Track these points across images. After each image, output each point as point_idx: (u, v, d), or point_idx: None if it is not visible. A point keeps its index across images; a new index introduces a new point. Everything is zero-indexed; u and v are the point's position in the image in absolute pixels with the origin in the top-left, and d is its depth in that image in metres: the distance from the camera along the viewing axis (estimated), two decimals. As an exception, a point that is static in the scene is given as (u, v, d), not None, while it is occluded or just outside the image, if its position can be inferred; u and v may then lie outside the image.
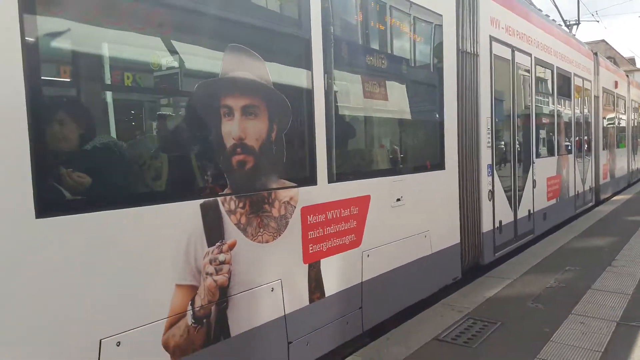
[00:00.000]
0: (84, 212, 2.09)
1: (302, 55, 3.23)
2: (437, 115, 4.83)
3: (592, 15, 29.62)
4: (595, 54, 11.17)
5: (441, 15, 4.76)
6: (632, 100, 14.88)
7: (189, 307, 2.51)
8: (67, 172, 2.10)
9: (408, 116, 4.60)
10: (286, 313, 3.06)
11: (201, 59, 2.81)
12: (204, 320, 2.59)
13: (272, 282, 2.97)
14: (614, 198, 11.81)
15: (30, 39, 1.91)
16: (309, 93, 3.26)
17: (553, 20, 9.26)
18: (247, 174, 2.85)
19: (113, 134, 2.53)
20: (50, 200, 1.98)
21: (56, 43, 2.18)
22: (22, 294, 1.90)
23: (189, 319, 2.50)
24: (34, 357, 1.93)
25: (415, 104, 4.62)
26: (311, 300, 3.26)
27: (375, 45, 4.19)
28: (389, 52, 4.32)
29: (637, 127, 15.87)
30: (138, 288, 2.29)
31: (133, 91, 2.74)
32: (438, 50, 4.78)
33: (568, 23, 14.36)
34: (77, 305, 2.06)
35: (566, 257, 6.07)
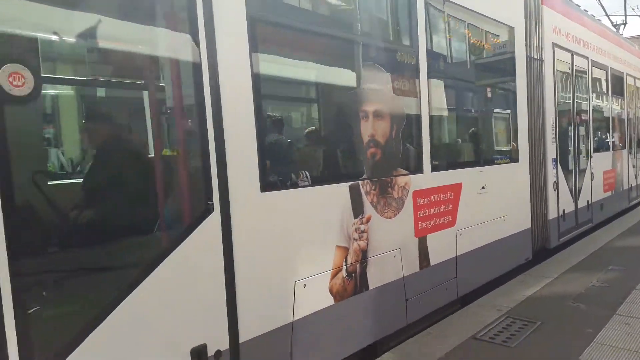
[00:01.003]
0: (286, 189, 2.97)
1: (412, 68, 3.98)
2: (512, 114, 5.56)
3: (633, 9, 28.45)
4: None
5: (513, 28, 5.48)
6: None
7: (343, 263, 3.29)
8: (277, 163, 3.08)
9: (489, 115, 5.49)
10: (404, 276, 3.81)
11: (349, 75, 3.71)
12: (352, 274, 3.37)
13: (394, 250, 3.74)
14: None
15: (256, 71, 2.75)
16: (417, 99, 4.02)
17: (603, 23, 9.71)
18: (376, 163, 3.61)
19: (303, 137, 3.79)
20: (267, 182, 2.82)
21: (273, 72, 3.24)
22: (254, 245, 2.74)
23: (343, 272, 3.29)
24: (261, 288, 2.76)
25: (494, 105, 5.57)
26: (421, 267, 4.00)
27: (463, 57, 5.06)
28: (475, 62, 5.18)
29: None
30: (316, 246, 3.12)
31: (311, 103, 3.94)
32: (511, 58, 5.47)
33: (615, 23, 13.94)
34: (283, 256, 2.90)
35: (609, 256, 5.87)
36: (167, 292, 2.32)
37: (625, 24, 15.48)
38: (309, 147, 3.72)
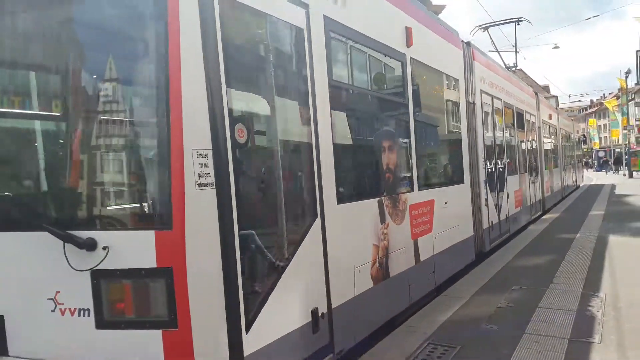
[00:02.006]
0: (349, 202, 4.10)
1: (393, 102, 5.48)
2: (460, 146, 7.03)
3: (512, 46, 31.45)
4: (536, 93, 14.03)
5: (458, 79, 6.99)
6: (561, 128, 18.25)
7: (376, 257, 4.40)
8: (343, 185, 4.10)
9: (447, 148, 7.00)
10: (407, 268, 4.98)
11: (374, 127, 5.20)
12: (381, 265, 4.46)
13: (402, 248, 4.90)
14: (544, 217, 12.39)
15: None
16: (409, 139, 5.35)
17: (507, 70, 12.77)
18: (390, 184, 4.86)
19: (352, 166, 4.58)
20: (339, 197, 3.88)
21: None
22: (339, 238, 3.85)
23: (377, 264, 4.38)
24: (339, 271, 3.81)
25: (449, 139, 7.00)
26: (415, 262, 5.20)
27: (428, 102, 6.20)
28: (437, 107, 6.61)
29: (565, 150, 19.34)
30: (363, 243, 4.27)
31: (359, 144, 4.95)
32: (458, 104, 7.01)
33: (508, 65, 15.93)
34: (348, 248, 4.01)
35: (511, 277, 6.25)
36: (301, 271, 3.38)
37: (516, 67, 17.70)
38: (356, 172, 4.71)
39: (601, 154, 53.40)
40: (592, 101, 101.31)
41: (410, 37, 5.44)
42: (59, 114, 3.30)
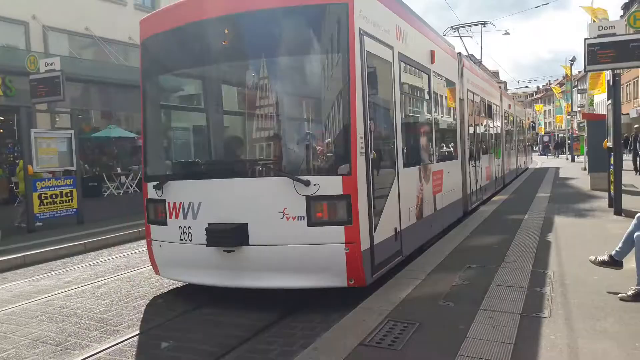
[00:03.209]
0: (407, 167, 6.37)
1: (426, 102, 7.80)
2: (456, 132, 9.75)
3: (467, 31, 31.96)
4: (500, 87, 17.11)
5: (455, 82, 9.70)
6: (516, 115, 21.61)
7: (417, 203, 6.74)
8: (406, 156, 6.43)
9: (450, 133, 9.45)
10: (430, 213, 7.40)
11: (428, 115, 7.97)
12: (419, 208, 6.80)
13: (428, 200, 7.24)
14: (494, 198, 12.82)
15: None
16: (432, 126, 7.90)
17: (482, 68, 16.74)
18: (423, 158, 7.34)
19: (412, 142, 7.22)
20: (404, 164, 6.19)
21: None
22: (398, 192, 6.05)
23: (417, 207, 6.74)
24: (402, 207, 6.18)
25: (450, 128, 9.55)
26: (434, 210, 7.68)
27: (441, 100, 8.80)
28: (445, 104, 9.17)
29: (519, 134, 22.62)
30: (413, 193, 6.62)
31: (415, 127, 7.55)
32: (454, 99, 9.68)
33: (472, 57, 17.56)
34: (407, 194, 6.36)
35: (465, 256, 6.44)
36: (391, 206, 5.77)
37: (480, 61, 19.28)
38: (409, 150, 6.84)
39: (546, 138, 55.47)
40: (538, 87, 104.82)
41: (433, 57, 7.83)
42: (283, 115, 5.62)
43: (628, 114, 44.13)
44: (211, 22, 5.28)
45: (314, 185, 4.81)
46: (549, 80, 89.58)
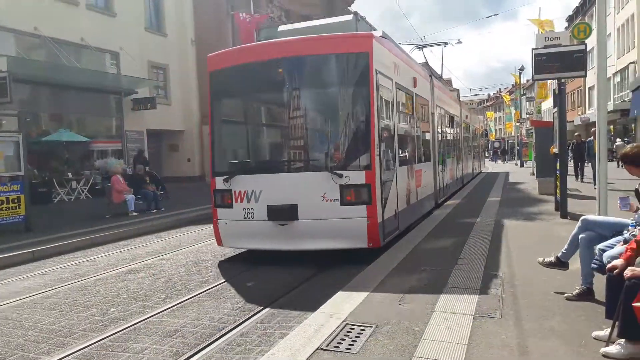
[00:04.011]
0: (401, 166, 8.58)
1: (410, 116, 10.07)
2: (430, 139, 11.98)
3: (422, 39, 32.77)
4: (459, 99, 20.34)
5: (428, 100, 11.90)
6: (472, 124, 24.42)
7: (408, 193, 9.02)
8: (401, 158, 8.82)
9: (426, 141, 11.58)
10: (414, 202, 9.58)
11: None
12: (408, 197, 9.03)
13: (413, 192, 9.47)
14: (447, 202, 13.12)
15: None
16: (415, 135, 10.33)
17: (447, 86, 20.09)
18: (411, 160, 9.63)
19: (406, 148, 9.63)
20: (399, 162, 8.44)
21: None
22: (396, 184, 8.19)
23: (407, 196, 8.98)
24: (398, 194, 8.38)
25: (426, 137, 11.55)
26: (417, 199, 9.80)
27: (420, 115, 11.00)
28: (423, 117, 11.35)
29: (475, 140, 25.74)
30: (405, 184, 8.84)
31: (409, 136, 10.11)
32: (428, 114, 11.94)
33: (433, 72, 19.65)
34: (402, 185, 8.57)
35: (420, 258, 6.56)
36: (391, 193, 7.88)
37: (441, 76, 20.75)
38: (403, 153, 9.02)
39: (496, 144, 57.27)
40: (489, 95, 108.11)
41: (415, 83, 10.12)
42: (325, 127, 7.79)
43: (573, 121, 46.15)
44: (271, 61, 7.36)
45: (345, 177, 6.92)
46: (499, 88, 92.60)
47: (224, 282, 6.69)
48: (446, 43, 18.73)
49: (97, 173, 20.09)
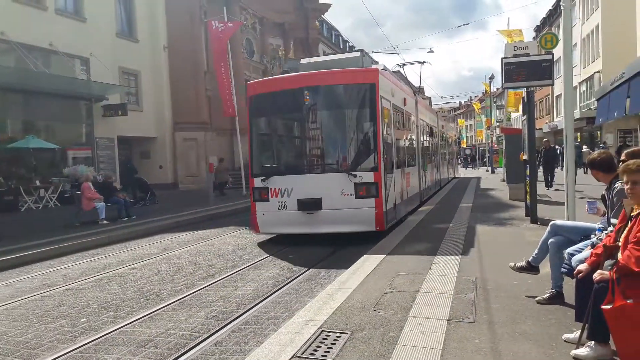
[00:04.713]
0: (397, 169, 10.78)
1: (402, 129, 12.18)
2: (415, 147, 14.02)
3: (394, 48, 33.10)
4: (437, 112, 23.21)
5: (412, 114, 13.66)
6: (447, 133, 27.12)
7: (403, 190, 11.39)
8: (399, 162, 11.37)
9: (413, 148, 13.83)
10: (407, 198, 11.83)
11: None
12: (402, 194, 11.31)
13: (405, 190, 11.66)
14: (420, 209, 13.25)
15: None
16: (404, 141, 12.55)
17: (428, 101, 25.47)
18: (403, 164, 11.66)
19: (404, 155, 12.40)
20: (395, 166, 10.64)
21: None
22: (394, 183, 10.37)
23: (402, 192, 11.27)
24: (395, 191, 10.59)
25: (412, 145, 13.82)
26: (408, 196, 12.02)
27: (408, 127, 13.29)
28: (410, 129, 13.63)
29: (449, 147, 28.16)
30: (400, 182, 10.98)
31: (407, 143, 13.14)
32: (412, 126, 13.87)
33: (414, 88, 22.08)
34: (398, 182, 10.85)
35: (394, 264, 6.60)
36: (392, 190, 10.14)
37: (420, 89, 24.20)
38: (399, 158, 11.29)
39: (467, 151, 58.15)
40: (460, 103, 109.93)
41: (405, 102, 12.27)
42: (339, 135, 9.97)
43: (541, 128, 47.29)
44: (300, 89, 9.38)
45: (358, 177, 9.04)
46: (470, 97, 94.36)
47: (197, 290, 6.60)
48: (424, 62, 20.18)
49: (66, 181, 19.61)
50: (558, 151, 22.77)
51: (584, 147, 27.58)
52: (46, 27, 19.42)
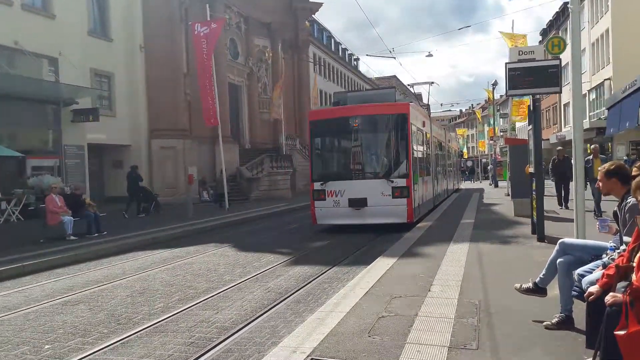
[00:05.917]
0: (421, 177, 15.95)
1: (422, 145, 17.32)
2: (430, 159, 18.70)
3: (390, 51, 33.42)
4: (444, 128, 28.89)
5: (427, 132, 17.99)
6: (453, 146, 31.52)
7: (422, 194, 16.29)
8: (420, 170, 16.15)
9: (429, 160, 18.51)
10: (424, 201, 16.54)
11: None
12: (422, 197, 16.26)
13: (424, 194, 16.61)
14: (419, 225, 13.33)
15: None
16: (425, 157, 17.91)
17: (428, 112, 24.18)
18: (423, 172, 16.62)
19: (424, 164, 17.71)
20: (419, 174, 15.77)
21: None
22: (418, 188, 15.54)
23: (421, 196, 15.94)
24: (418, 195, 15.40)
25: (428, 158, 18.35)
26: (425, 200, 16.68)
27: (428, 143, 18.58)
28: (428, 144, 18.66)
29: (454, 159, 32.61)
30: (422, 189, 16.11)
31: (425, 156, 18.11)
32: (428, 142, 18.42)
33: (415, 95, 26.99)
34: (420, 187, 15.96)
35: (390, 286, 6.60)
36: (416, 194, 15.03)
37: (415, 93, 25.79)
38: (420, 168, 16.14)
39: (469, 163, 58.62)
40: (461, 111, 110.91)
41: (424, 124, 17.03)
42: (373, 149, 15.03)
43: (548, 139, 47.78)
44: (351, 117, 14.03)
45: (395, 182, 13.52)
46: (472, 104, 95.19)
47: (174, 313, 6.54)
48: (432, 82, 25.98)
49: (30, 192, 19.40)
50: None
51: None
52: (11, 24, 19.35)
